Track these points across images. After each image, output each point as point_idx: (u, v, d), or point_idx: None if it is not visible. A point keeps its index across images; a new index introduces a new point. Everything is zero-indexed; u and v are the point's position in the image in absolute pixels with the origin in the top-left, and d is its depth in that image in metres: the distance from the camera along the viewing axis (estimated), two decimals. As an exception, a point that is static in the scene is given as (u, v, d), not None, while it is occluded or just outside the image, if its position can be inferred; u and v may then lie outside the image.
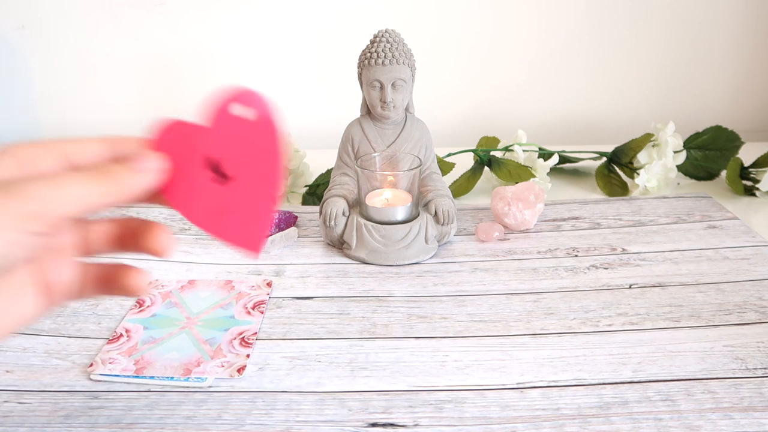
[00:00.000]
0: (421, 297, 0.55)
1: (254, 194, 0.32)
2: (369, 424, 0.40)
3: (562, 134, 0.99)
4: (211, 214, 0.32)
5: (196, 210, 0.32)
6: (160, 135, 0.32)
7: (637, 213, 0.70)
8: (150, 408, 0.42)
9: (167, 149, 0.32)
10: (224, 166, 0.31)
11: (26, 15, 0.93)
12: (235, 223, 0.32)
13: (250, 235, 0.32)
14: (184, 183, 0.32)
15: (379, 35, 0.62)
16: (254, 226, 0.32)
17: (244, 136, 0.31)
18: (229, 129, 0.31)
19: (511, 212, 0.65)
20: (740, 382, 0.43)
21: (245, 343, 0.48)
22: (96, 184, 0.30)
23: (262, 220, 0.32)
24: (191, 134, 0.32)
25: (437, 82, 0.95)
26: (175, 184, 0.32)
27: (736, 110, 0.98)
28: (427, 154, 0.65)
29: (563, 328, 0.50)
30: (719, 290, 0.54)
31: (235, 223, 0.32)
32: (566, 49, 0.96)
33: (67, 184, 0.29)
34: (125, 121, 0.99)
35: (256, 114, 0.31)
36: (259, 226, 0.32)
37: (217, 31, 0.95)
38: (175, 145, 0.32)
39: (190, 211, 0.32)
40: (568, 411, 0.41)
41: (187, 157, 0.32)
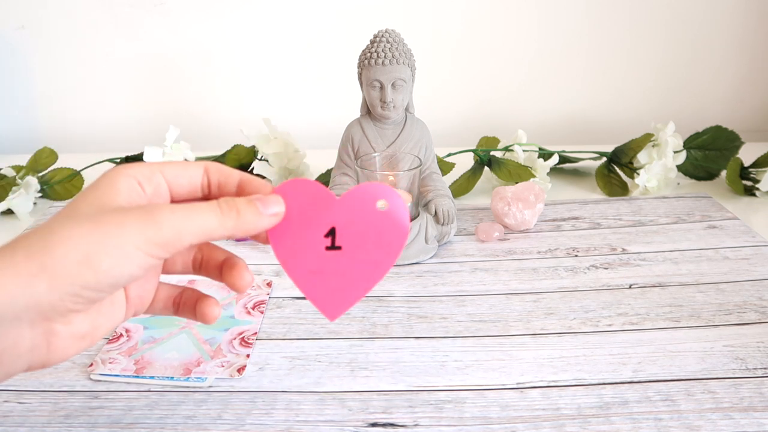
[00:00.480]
0: (421, 297, 0.55)
1: (357, 272, 0.34)
2: (369, 424, 0.40)
3: (562, 134, 0.99)
4: (308, 271, 0.34)
5: (295, 262, 0.34)
6: (290, 186, 0.34)
7: (637, 213, 0.70)
8: (150, 408, 0.42)
9: (292, 199, 0.33)
10: (339, 237, 0.34)
11: (26, 15, 0.93)
12: (326, 287, 0.34)
13: (335, 304, 0.35)
14: (294, 236, 0.34)
15: (379, 35, 0.62)
16: (342, 298, 0.35)
17: (370, 221, 0.34)
18: (359, 208, 0.34)
19: (511, 212, 0.65)
20: (740, 382, 0.43)
21: (245, 343, 0.48)
22: (224, 219, 0.32)
23: (352, 296, 0.35)
24: (320, 197, 0.34)
25: (437, 82, 0.95)
26: (286, 233, 0.34)
27: (736, 110, 0.98)
28: (427, 154, 0.65)
29: (563, 328, 0.50)
30: (719, 290, 0.54)
31: (326, 288, 0.34)
32: (566, 49, 0.96)
33: (199, 216, 0.31)
34: (125, 121, 0.99)
35: (390, 208, 0.34)
36: (346, 300, 0.35)
37: (217, 31, 0.95)
38: (300, 199, 0.34)
39: (289, 261, 0.34)
40: (568, 411, 0.41)
41: (307, 214, 0.34)
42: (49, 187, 0.77)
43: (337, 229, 0.34)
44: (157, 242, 0.29)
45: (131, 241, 0.29)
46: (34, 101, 0.99)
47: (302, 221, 0.34)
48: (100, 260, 0.28)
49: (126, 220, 0.29)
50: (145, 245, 0.29)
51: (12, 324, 0.28)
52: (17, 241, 0.28)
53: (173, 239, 0.30)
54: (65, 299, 0.28)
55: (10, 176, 0.76)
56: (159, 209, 0.30)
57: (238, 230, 0.32)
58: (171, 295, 0.37)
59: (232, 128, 0.83)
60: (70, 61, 0.96)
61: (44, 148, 0.80)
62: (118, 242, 0.29)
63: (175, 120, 0.88)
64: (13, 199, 0.72)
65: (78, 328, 0.31)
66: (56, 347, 0.31)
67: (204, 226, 0.31)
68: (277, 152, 0.75)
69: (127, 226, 0.29)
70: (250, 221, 0.32)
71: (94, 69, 0.97)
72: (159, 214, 0.30)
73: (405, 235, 0.34)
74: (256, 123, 0.78)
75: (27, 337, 0.29)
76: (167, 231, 0.30)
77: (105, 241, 0.28)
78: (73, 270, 0.28)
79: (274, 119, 0.78)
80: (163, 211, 0.30)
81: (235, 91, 0.98)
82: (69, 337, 0.31)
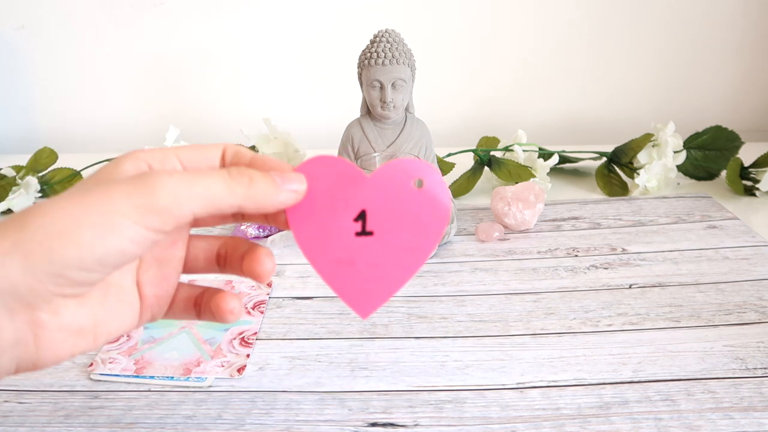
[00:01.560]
0: (421, 297, 0.55)
1: (391, 260, 0.30)
2: (369, 424, 0.40)
3: (562, 134, 0.99)
4: (336, 261, 0.30)
5: (321, 252, 0.30)
6: (314, 163, 0.30)
7: (637, 213, 0.70)
8: (150, 408, 0.42)
9: (316, 179, 0.29)
10: (370, 221, 0.30)
11: (26, 15, 0.93)
12: (357, 279, 0.30)
13: (367, 298, 0.30)
14: (319, 220, 0.29)
15: (379, 35, 0.62)
16: (375, 292, 0.30)
17: (406, 202, 0.29)
18: (392, 187, 0.30)
19: (511, 212, 0.65)
20: (740, 382, 0.43)
21: (245, 342, 0.48)
22: (233, 185, 0.27)
23: (387, 289, 0.30)
24: (348, 175, 0.30)
25: (437, 82, 0.95)
26: (310, 217, 0.30)
27: (736, 110, 0.98)
28: (427, 154, 0.65)
29: (563, 328, 0.50)
30: (719, 290, 0.54)
31: (356, 280, 0.30)
32: (566, 49, 0.96)
33: (203, 180, 0.27)
34: (125, 121, 0.99)
35: (427, 185, 0.29)
36: (380, 293, 0.30)
37: (217, 31, 0.95)
38: (325, 178, 0.29)
39: (314, 250, 0.30)
40: (568, 411, 0.41)
41: (334, 195, 0.29)
42: (49, 187, 0.77)
43: (368, 212, 0.29)
44: (151, 210, 0.25)
45: (118, 209, 0.25)
46: (34, 101, 0.99)
47: (328, 203, 0.29)
48: (82, 233, 0.24)
49: (115, 188, 0.25)
50: (135, 214, 0.25)
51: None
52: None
53: (171, 206, 0.26)
54: (45, 280, 0.24)
55: (10, 176, 0.76)
56: (155, 173, 0.26)
57: (250, 200, 0.28)
58: (192, 296, 0.33)
59: (232, 128, 0.83)
60: (70, 61, 0.96)
61: (44, 148, 0.80)
62: (102, 211, 0.25)
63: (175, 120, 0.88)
64: (13, 199, 0.72)
65: (70, 320, 0.27)
66: (45, 342, 0.26)
67: (209, 192, 0.27)
68: (277, 152, 0.75)
69: (114, 193, 0.25)
70: (265, 192, 0.28)
71: (94, 69, 0.97)
72: (154, 177, 0.26)
73: (446, 216, 0.30)
74: (256, 123, 0.78)
75: (8, 329, 0.25)
76: (164, 197, 0.25)
77: (87, 212, 0.25)
78: (51, 245, 0.24)
79: (274, 119, 0.78)
80: (159, 175, 0.26)
81: (235, 91, 0.98)
82: (59, 330, 0.26)
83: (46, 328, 0.26)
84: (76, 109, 0.99)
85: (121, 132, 0.99)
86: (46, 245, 0.24)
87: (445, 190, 0.30)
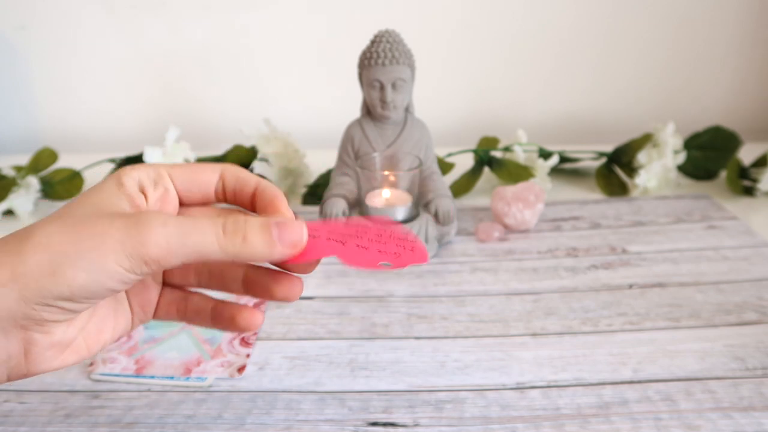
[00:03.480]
0: (421, 297, 0.55)
1: (399, 242, 0.33)
2: (369, 424, 0.40)
3: (562, 134, 0.99)
4: (366, 261, 0.31)
5: (356, 261, 0.31)
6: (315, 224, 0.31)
7: (637, 213, 0.70)
8: (150, 407, 0.42)
9: (312, 231, 0.31)
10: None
11: (26, 15, 0.93)
12: (394, 254, 0.32)
13: (413, 251, 0.32)
14: (323, 253, 0.30)
15: (379, 35, 0.62)
16: (409, 248, 0.33)
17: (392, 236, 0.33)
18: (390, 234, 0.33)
19: (511, 212, 0.65)
20: (740, 381, 0.43)
21: (245, 342, 0.48)
22: (225, 244, 0.28)
23: (413, 246, 0.33)
24: (336, 228, 0.32)
25: (437, 82, 0.95)
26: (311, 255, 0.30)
27: (736, 110, 0.98)
28: (427, 154, 0.65)
29: (563, 328, 0.50)
30: (719, 290, 0.55)
31: (394, 254, 0.32)
32: (566, 50, 0.96)
33: (195, 235, 0.27)
34: (125, 121, 0.99)
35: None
36: (413, 245, 0.33)
37: (217, 31, 0.95)
38: (319, 230, 0.31)
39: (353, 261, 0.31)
40: (568, 411, 0.41)
41: (330, 238, 0.31)
42: (50, 187, 0.77)
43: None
44: (142, 260, 0.26)
45: (111, 256, 0.26)
46: (34, 101, 0.99)
47: (327, 245, 0.31)
48: (75, 275, 0.26)
49: (109, 230, 0.26)
50: (126, 261, 0.26)
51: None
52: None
53: (161, 258, 0.27)
54: (39, 310, 0.26)
55: (11, 176, 0.76)
56: (148, 222, 0.27)
57: (242, 258, 0.28)
58: (173, 301, 0.35)
59: (232, 128, 0.83)
60: (70, 61, 0.96)
61: (45, 148, 0.80)
62: (96, 256, 0.26)
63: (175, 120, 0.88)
64: (13, 199, 0.72)
65: (60, 337, 0.28)
66: (36, 357, 0.28)
67: (200, 247, 0.27)
68: (277, 152, 0.75)
69: (108, 238, 0.26)
70: (259, 250, 0.28)
71: (94, 69, 0.97)
72: (147, 227, 0.26)
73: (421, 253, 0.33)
74: (256, 123, 0.78)
75: (1, 346, 0.27)
76: (154, 249, 0.26)
77: (81, 254, 0.26)
78: (45, 282, 0.26)
79: (274, 119, 0.78)
80: (152, 225, 0.27)
81: (235, 91, 0.98)
82: (50, 346, 0.28)
83: (38, 345, 0.28)
84: (76, 109, 0.99)
85: (122, 132, 0.99)
86: (41, 283, 0.26)
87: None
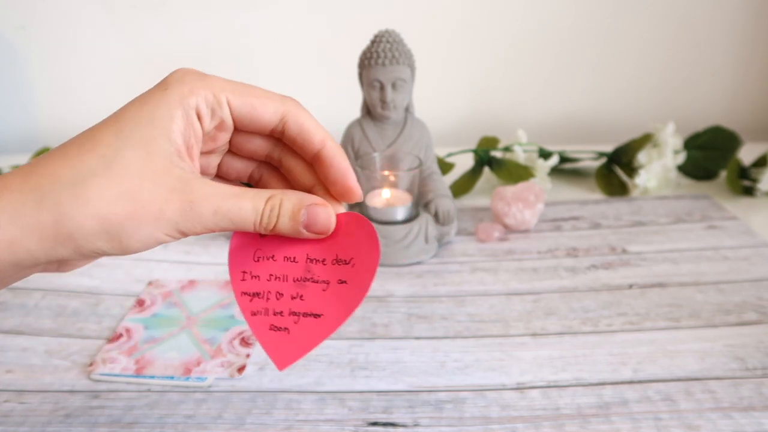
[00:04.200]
0: (421, 297, 0.55)
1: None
2: (369, 424, 0.40)
3: (562, 134, 0.99)
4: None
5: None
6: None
7: (637, 213, 0.70)
8: (150, 407, 0.42)
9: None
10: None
11: (26, 15, 0.93)
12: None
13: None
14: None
15: (379, 35, 0.62)
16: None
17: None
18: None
19: (511, 212, 0.65)
20: (740, 381, 0.43)
21: (245, 342, 0.48)
22: (259, 225, 0.31)
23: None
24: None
25: (437, 81, 0.95)
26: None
27: (736, 110, 0.98)
28: (427, 154, 0.65)
29: (563, 328, 0.50)
30: (719, 290, 0.55)
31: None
32: (566, 49, 0.96)
33: (237, 215, 0.30)
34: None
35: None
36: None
37: (217, 31, 0.95)
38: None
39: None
40: (568, 411, 0.41)
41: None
42: (50, 187, 0.77)
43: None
44: (187, 233, 0.29)
45: (163, 230, 0.29)
46: (34, 101, 0.99)
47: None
48: (129, 243, 0.28)
49: (165, 211, 0.29)
50: (176, 235, 0.29)
51: (29, 269, 0.29)
52: (45, 191, 0.28)
53: (203, 233, 0.30)
54: (87, 259, 0.30)
55: (11, 176, 0.76)
56: (201, 210, 0.29)
57: (267, 233, 0.32)
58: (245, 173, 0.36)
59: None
60: (70, 61, 0.96)
61: (45, 148, 0.80)
62: (150, 230, 0.29)
63: (175, 120, 0.88)
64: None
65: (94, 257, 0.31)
66: (67, 267, 0.32)
67: (235, 223, 0.30)
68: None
69: (163, 217, 0.29)
70: (285, 233, 0.31)
71: (94, 69, 0.97)
72: (199, 216, 0.29)
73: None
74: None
75: (40, 269, 0.30)
76: (201, 229, 0.29)
77: (137, 228, 0.28)
78: (100, 245, 0.28)
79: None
80: (204, 213, 0.29)
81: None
82: (84, 260, 0.32)
83: (71, 264, 0.32)
84: (76, 109, 0.99)
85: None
86: (95, 244, 0.28)
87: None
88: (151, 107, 0.30)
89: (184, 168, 0.30)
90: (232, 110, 0.31)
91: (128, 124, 0.29)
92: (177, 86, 0.30)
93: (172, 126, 0.29)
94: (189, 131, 0.30)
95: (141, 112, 0.30)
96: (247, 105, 0.31)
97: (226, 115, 0.31)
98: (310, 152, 0.32)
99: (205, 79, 0.31)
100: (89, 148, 0.29)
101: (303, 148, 0.33)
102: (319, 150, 0.32)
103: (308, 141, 0.32)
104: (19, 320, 0.51)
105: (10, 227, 0.27)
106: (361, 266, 0.32)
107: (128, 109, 0.30)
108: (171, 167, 0.29)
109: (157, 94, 0.30)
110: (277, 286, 0.33)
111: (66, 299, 0.54)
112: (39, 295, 0.55)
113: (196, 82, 0.30)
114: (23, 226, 0.27)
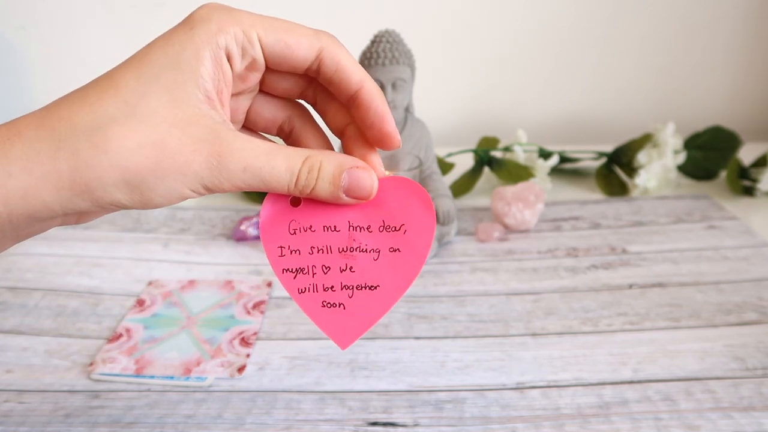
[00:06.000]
0: (421, 297, 0.55)
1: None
2: (369, 424, 0.40)
3: (562, 134, 0.99)
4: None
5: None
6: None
7: (637, 213, 0.70)
8: (150, 407, 0.42)
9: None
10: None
11: (26, 15, 0.93)
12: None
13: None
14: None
15: (379, 36, 0.62)
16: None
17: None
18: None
19: (511, 212, 0.65)
20: (740, 381, 0.43)
21: (245, 342, 0.48)
22: (293, 188, 0.28)
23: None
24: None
25: (437, 82, 0.95)
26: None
27: (736, 110, 0.98)
28: (427, 154, 0.65)
29: (563, 328, 0.50)
30: (719, 290, 0.55)
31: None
32: (566, 49, 0.96)
33: (268, 176, 0.28)
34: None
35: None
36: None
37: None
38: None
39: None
40: (568, 411, 0.41)
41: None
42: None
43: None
44: (213, 190, 0.28)
45: (188, 184, 0.27)
46: (34, 101, 0.99)
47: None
48: (150, 197, 0.27)
49: (192, 164, 0.27)
50: (201, 190, 0.27)
51: (47, 222, 0.28)
52: (62, 137, 0.26)
53: (228, 189, 0.28)
54: (105, 211, 0.28)
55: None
56: (230, 162, 0.27)
57: (302, 196, 0.29)
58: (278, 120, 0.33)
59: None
60: (70, 61, 0.96)
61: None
62: (175, 185, 0.27)
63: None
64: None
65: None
66: (86, 219, 0.30)
67: (266, 183, 0.28)
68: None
69: (191, 169, 0.27)
70: (323, 198, 0.29)
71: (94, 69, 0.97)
72: (228, 168, 0.27)
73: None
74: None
75: (58, 222, 0.29)
76: (227, 185, 0.27)
77: (162, 181, 0.26)
78: (119, 197, 0.26)
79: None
80: (233, 170, 0.27)
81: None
82: (102, 213, 0.30)
83: (90, 216, 0.30)
84: (76, 109, 0.99)
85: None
86: (115, 198, 0.27)
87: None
88: (177, 49, 0.27)
89: (214, 117, 0.27)
90: (264, 48, 0.28)
91: (153, 68, 0.27)
92: (204, 24, 0.27)
93: (200, 69, 0.27)
94: (218, 74, 0.28)
95: (166, 55, 0.27)
96: (280, 42, 0.28)
97: (258, 54, 0.28)
98: (346, 93, 0.30)
99: (233, 15, 0.28)
100: (112, 93, 0.27)
101: (339, 88, 0.30)
102: (357, 91, 0.30)
103: (345, 81, 0.29)
104: (19, 320, 0.51)
105: (24, 176, 0.25)
106: (413, 232, 0.31)
107: (152, 51, 0.28)
108: (199, 115, 0.27)
109: (183, 34, 0.28)
110: (322, 258, 0.31)
111: (66, 299, 0.54)
112: (39, 295, 0.55)
113: (224, 19, 0.28)
114: (38, 175, 0.25)
